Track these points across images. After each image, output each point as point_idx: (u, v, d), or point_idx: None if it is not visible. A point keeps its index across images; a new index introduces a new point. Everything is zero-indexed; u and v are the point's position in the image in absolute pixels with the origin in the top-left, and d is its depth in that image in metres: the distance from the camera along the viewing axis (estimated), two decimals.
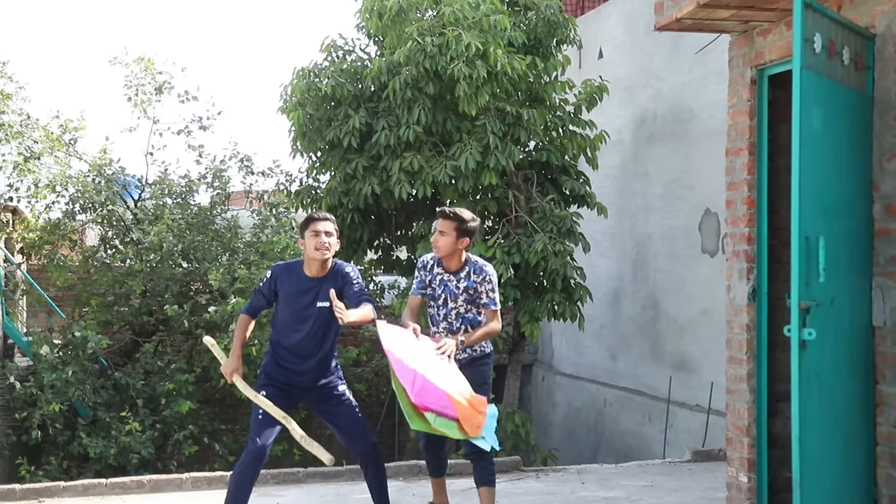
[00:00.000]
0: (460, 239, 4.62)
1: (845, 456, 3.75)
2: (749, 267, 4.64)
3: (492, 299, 4.64)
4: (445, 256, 4.66)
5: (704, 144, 8.48)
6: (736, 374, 4.72)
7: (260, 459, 4.46)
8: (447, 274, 4.69)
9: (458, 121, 7.98)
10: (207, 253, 9.65)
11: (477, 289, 4.64)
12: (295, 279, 4.57)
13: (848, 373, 3.77)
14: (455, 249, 4.63)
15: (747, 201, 4.65)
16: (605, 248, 10.31)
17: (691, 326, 8.77)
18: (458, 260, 4.68)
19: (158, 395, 9.19)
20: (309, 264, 4.58)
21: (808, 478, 3.39)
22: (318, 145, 8.32)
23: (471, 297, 4.65)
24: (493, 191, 8.18)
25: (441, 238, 4.63)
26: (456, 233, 4.61)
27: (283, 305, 4.56)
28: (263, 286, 4.63)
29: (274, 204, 10.30)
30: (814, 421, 3.47)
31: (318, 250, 4.51)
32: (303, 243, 4.56)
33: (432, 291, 4.71)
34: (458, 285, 4.66)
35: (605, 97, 8.63)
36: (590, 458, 10.10)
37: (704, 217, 8.58)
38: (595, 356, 10.79)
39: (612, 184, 10.14)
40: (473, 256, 4.76)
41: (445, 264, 4.71)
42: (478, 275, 4.66)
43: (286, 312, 4.56)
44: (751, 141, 4.63)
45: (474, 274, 4.66)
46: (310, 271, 4.58)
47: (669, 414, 8.83)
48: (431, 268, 4.78)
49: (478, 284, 4.65)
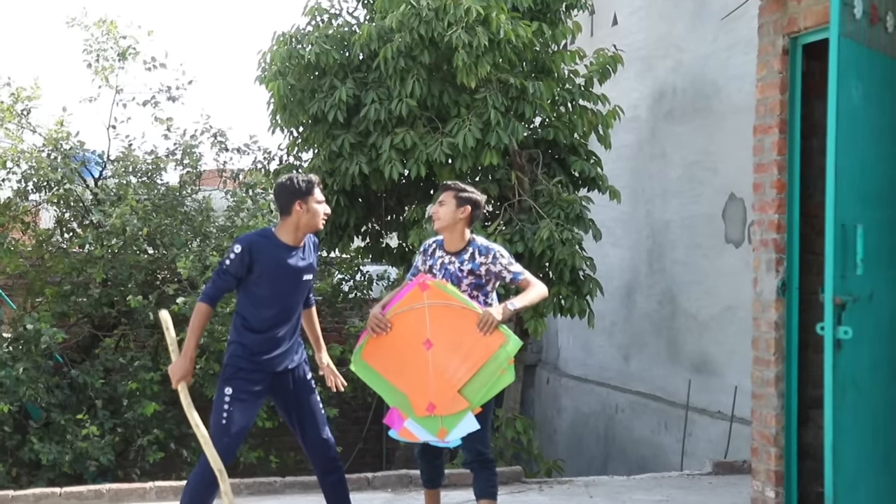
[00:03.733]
0: (461, 207, 4.67)
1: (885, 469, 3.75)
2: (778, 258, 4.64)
3: (516, 272, 4.68)
4: (445, 229, 4.70)
5: (730, 122, 8.47)
6: (763, 377, 4.71)
7: None
8: (449, 256, 4.72)
9: (456, 94, 7.95)
10: (176, 238, 9.62)
11: (489, 270, 4.68)
12: (275, 249, 4.52)
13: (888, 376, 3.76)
14: (455, 220, 4.68)
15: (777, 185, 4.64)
16: (617, 237, 10.30)
17: (713, 324, 8.78)
18: (461, 237, 4.72)
19: (120, 395, 9.16)
20: (292, 233, 4.55)
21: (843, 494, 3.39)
22: (300, 119, 8.29)
23: (477, 282, 4.67)
24: (494, 172, 8.16)
25: (440, 209, 4.72)
26: (455, 201, 4.67)
27: (262, 282, 4.49)
28: (231, 264, 4.50)
29: (250, 184, 10.27)
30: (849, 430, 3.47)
31: (322, 221, 4.58)
32: (302, 209, 4.52)
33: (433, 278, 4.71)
34: (462, 268, 4.69)
35: (620, 69, 8.59)
36: (599, 469, 10.12)
37: (729, 203, 8.58)
38: (606, 356, 10.79)
39: (626, 165, 10.13)
40: (478, 237, 4.79)
41: (447, 244, 4.75)
42: (484, 255, 4.69)
43: (266, 290, 4.50)
44: (782, 118, 4.62)
45: (480, 255, 4.69)
46: (291, 239, 4.56)
47: (688, 421, 8.84)
48: (433, 252, 4.81)
49: (488, 265, 4.67)
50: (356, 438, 11.00)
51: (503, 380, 4.57)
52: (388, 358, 4.71)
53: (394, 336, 4.69)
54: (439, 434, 4.60)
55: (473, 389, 4.57)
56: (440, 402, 4.59)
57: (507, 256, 4.74)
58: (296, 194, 4.56)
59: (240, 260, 4.48)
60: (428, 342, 4.63)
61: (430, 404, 4.60)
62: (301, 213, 4.53)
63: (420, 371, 4.64)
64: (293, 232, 4.56)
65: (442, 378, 4.59)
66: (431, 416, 4.61)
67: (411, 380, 4.65)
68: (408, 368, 4.65)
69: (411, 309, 4.67)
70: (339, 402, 9.84)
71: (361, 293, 10.80)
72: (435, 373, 4.60)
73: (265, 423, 9.02)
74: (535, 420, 10.43)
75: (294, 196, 4.56)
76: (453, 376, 4.57)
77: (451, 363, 4.58)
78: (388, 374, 4.71)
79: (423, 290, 4.66)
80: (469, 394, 4.57)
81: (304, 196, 4.55)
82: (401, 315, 4.69)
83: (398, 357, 4.68)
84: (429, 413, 4.61)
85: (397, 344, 4.68)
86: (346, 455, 10.29)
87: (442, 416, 4.60)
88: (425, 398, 4.61)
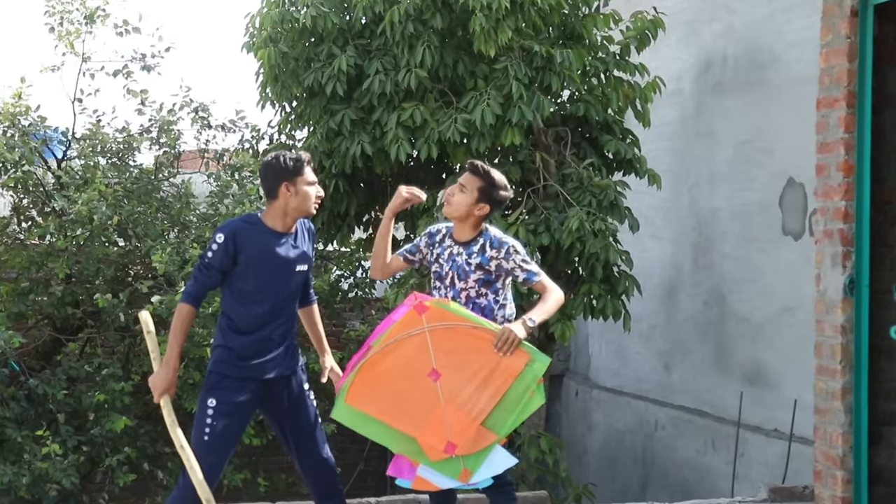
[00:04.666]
0: (480, 204, 4.66)
1: None
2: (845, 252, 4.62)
3: (531, 271, 4.67)
4: (457, 219, 4.67)
5: (788, 95, 8.44)
6: (827, 388, 4.70)
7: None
8: (457, 246, 4.71)
9: (473, 63, 7.94)
10: (151, 228, 9.64)
11: (500, 266, 4.66)
12: (262, 235, 4.51)
13: None
14: (469, 214, 4.68)
15: (844, 167, 4.63)
16: (657, 228, 10.28)
17: (768, 328, 8.76)
18: (473, 228, 4.71)
19: (85, 408, 9.20)
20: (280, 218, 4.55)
21: None
22: (294, 92, 8.29)
23: (486, 278, 4.66)
24: (515, 153, 8.15)
25: (458, 194, 4.68)
26: (478, 194, 4.66)
27: (248, 274, 4.49)
28: (214, 256, 4.49)
29: (236, 166, 10.28)
30: None
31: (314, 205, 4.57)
32: (290, 192, 4.51)
33: (438, 269, 4.73)
34: (470, 261, 4.68)
35: (661, 34, 8.57)
36: (636, 495, 10.12)
37: (787, 188, 8.56)
38: (643, 365, 10.78)
39: (667, 145, 10.11)
40: (492, 228, 4.78)
41: (456, 233, 4.74)
42: (497, 249, 4.67)
43: (252, 283, 4.50)
44: (849, 89, 4.60)
45: (491, 248, 4.68)
46: (280, 225, 4.56)
47: (739, 440, 8.83)
48: (442, 239, 4.80)
49: (499, 260, 4.66)
50: (356, 459, 11.02)
51: (532, 403, 4.49)
52: (384, 397, 4.55)
53: (389, 369, 4.55)
54: (462, 477, 4.48)
55: (499, 419, 4.47)
56: (461, 440, 4.46)
57: (523, 253, 4.73)
58: (282, 174, 4.55)
59: (223, 250, 4.45)
60: (434, 373, 4.51)
61: (449, 444, 4.46)
62: (289, 196, 4.52)
63: (428, 407, 4.50)
64: (281, 217, 4.56)
65: (460, 412, 4.47)
66: (451, 457, 4.48)
67: (419, 419, 4.48)
68: (411, 407, 4.49)
69: (408, 336, 4.53)
70: None
71: (363, 292, 10.80)
72: (449, 408, 4.47)
73: (252, 440, 9.05)
74: (562, 438, 10.43)
75: (280, 176, 4.55)
76: (473, 408, 4.45)
77: (468, 393, 4.46)
78: (385, 417, 4.54)
79: (420, 312, 4.54)
80: (494, 425, 4.47)
81: (292, 176, 4.53)
82: (396, 344, 4.55)
83: (397, 395, 4.53)
84: (447, 455, 4.47)
85: (395, 378, 4.53)
86: (346, 477, 10.31)
87: (464, 455, 4.48)
88: (440, 438, 4.47)
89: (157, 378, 4.54)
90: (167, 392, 4.53)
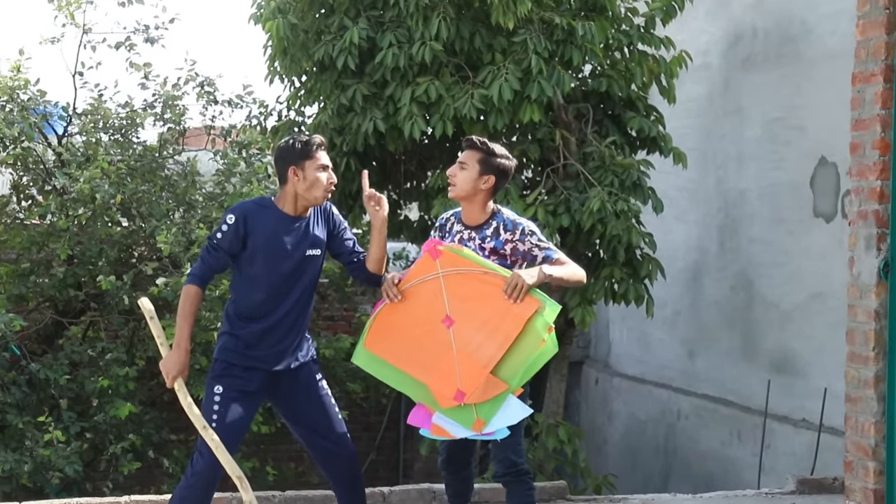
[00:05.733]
0: (484, 176, 4.67)
1: None
2: (880, 234, 4.62)
3: (548, 250, 4.66)
4: (464, 198, 4.70)
5: (821, 70, 8.41)
6: (859, 376, 4.70)
7: (213, 483, 4.46)
8: (468, 230, 4.73)
9: (490, 36, 7.93)
10: (155, 207, 9.65)
11: (516, 248, 4.66)
12: (273, 218, 4.51)
13: None
14: (475, 190, 4.67)
15: (880, 145, 4.62)
16: (682, 209, 10.27)
17: (798, 314, 8.76)
18: (482, 209, 4.72)
19: (88, 394, 9.23)
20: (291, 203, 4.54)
21: None
22: (304, 66, 8.30)
23: (502, 262, 4.66)
24: (534, 130, 8.14)
25: (460, 172, 4.68)
26: (480, 166, 4.66)
27: (256, 258, 4.49)
28: (223, 238, 4.50)
29: (244, 143, 10.28)
30: None
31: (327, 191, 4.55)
32: (297, 176, 4.51)
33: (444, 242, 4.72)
34: (484, 245, 4.68)
35: (688, 6, 8.56)
36: (658, 486, 10.14)
37: (819, 168, 8.53)
38: (667, 353, 10.79)
39: (694, 123, 10.09)
40: (504, 209, 4.78)
41: (465, 216, 4.75)
42: (511, 231, 4.68)
43: (260, 268, 4.49)
44: (887, 63, 4.59)
45: (505, 230, 4.68)
46: (291, 208, 4.55)
47: (766, 430, 8.84)
48: (451, 227, 4.82)
49: (514, 243, 4.66)
50: (368, 448, 11.06)
51: (545, 352, 4.54)
52: (400, 343, 4.68)
53: (405, 315, 4.66)
54: (475, 426, 4.54)
55: (510, 368, 4.53)
56: (470, 387, 4.54)
57: (539, 233, 4.73)
58: (290, 158, 4.55)
59: (233, 232, 4.46)
60: (447, 319, 4.60)
61: (459, 392, 4.55)
62: (297, 181, 4.53)
63: (441, 354, 4.60)
64: (292, 202, 4.58)
65: (469, 360, 4.56)
66: (462, 405, 4.55)
67: (431, 366, 4.60)
68: (425, 353, 4.61)
69: (423, 281, 4.65)
70: (348, 404, 9.88)
71: None
72: (460, 355, 4.57)
73: (261, 427, 9.07)
74: (581, 428, 10.45)
75: (288, 160, 4.56)
76: (482, 356, 4.53)
77: (478, 340, 4.55)
78: (400, 363, 4.67)
79: (434, 256, 4.64)
80: (506, 374, 4.53)
81: (299, 160, 4.53)
82: (411, 289, 4.67)
83: (412, 341, 4.65)
84: (457, 403, 4.56)
85: (409, 324, 4.65)
86: None
87: (476, 404, 4.55)
88: (451, 386, 4.57)
89: (167, 362, 4.50)
90: (180, 375, 4.49)
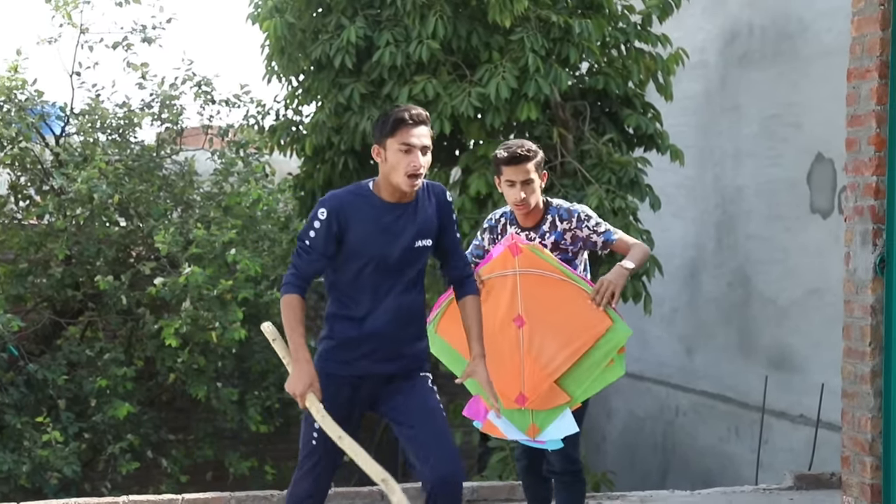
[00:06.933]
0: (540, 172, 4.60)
1: None
2: (876, 229, 4.62)
3: (607, 231, 4.61)
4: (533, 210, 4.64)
5: (818, 67, 8.42)
6: (856, 371, 4.71)
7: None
8: (526, 232, 4.66)
9: (488, 34, 7.95)
10: (153, 207, 9.66)
11: (576, 236, 4.61)
12: (371, 208, 3.96)
13: None
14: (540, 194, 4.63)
15: (876, 140, 4.62)
16: (680, 206, 10.28)
17: (795, 310, 8.77)
18: (538, 208, 4.66)
19: (87, 394, 9.23)
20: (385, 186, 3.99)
21: None
22: (301, 65, 8.32)
23: (563, 256, 4.61)
24: (532, 128, 8.16)
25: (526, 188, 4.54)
26: (537, 171, 4.58)
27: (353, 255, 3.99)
28: (316, 237, 3.95)
29: (242, 143, 10.29)
30: None
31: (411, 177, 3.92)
32: (381, 157, 3.97)
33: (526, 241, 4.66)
34: (545, 242, 4.62)
35: (684, 3, 8.57)
36: (656, 483, 10.15)
37: (815, 164, 8.55)
38: (665, 349, 10.80)
39: (690, 120, 10.10)
40: (554, 199, 4.73)
41: (522, 219, 4.68)
42: (567, 220, 4.63)
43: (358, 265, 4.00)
44: (882, 59, 4.60)
45: (561, 221, 4.64)
46: (388, 194, 4.00)
47: (764, 426, 8.86)
48: (503, 228, 4.76)
49: (573, 231, 4.61)
50: (366, 446, 10.95)
51: (611, 373, 4.49)
52: None
53: None
54: (529, 431, 4.52)
55: (575, 381, 4.49)
56: (533, 393, 4.50)
57: (594, 216, 4.66)
58: (375, 135, 4.04)
59: (326, 230, 3.94)
60: (519, 318, 4.53)
61: (521, 395, 4.50)
62: (382, 163, 3.98)
63: (509, 353, 4.53)
64: (386, 186, 4.00)
65: (537, 364, 4.50)
66: (521, 409, 4.51)
67: (496, 364, 4.40)
68: (494, 349, 4.41)
69: (501, 276, 4.56)
70: None
71: None
72: (528, 357, 4.51)
73: (259, 426, 9.10)
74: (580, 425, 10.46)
75: (374, 138, 4.05)
76: (550, 363, 4.48)
77: (547, 347, 4.50)
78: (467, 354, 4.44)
79: (514, 253, 4.53)
80: (569, 386, 4.49)
81: (383, 138, 3.95)
82: (488, 282, 4.57)
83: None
84: (518, 406, 4.51)
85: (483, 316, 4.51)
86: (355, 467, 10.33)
87: (534, 410, 4.51)
88: (515, 387, 4.50)
89: (292, 381, 3.94)
90: (308, 390, 3.91)
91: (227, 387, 9.15)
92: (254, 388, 9.44)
